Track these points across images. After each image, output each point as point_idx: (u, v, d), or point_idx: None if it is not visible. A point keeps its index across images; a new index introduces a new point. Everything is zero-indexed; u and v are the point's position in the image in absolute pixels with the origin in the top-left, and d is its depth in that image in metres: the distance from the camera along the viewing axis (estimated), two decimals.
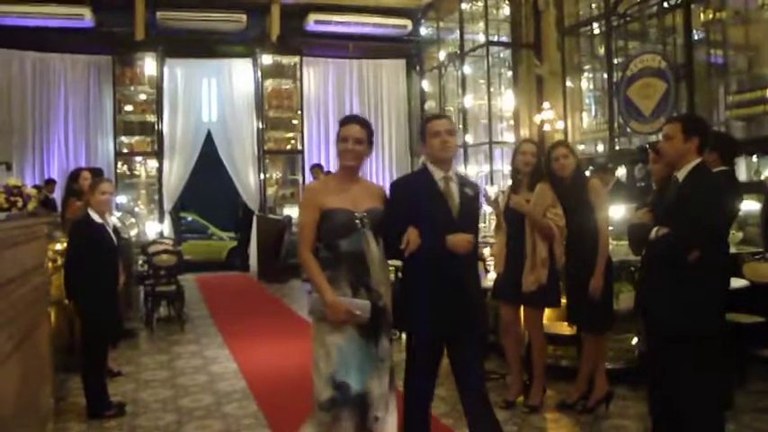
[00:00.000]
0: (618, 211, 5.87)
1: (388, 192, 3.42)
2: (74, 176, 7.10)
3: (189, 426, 4.61)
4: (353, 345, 3.12)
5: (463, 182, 3.48)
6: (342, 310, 3.07)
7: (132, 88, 12.23)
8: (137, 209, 12.15)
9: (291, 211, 12.64)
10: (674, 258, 3.30)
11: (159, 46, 12.09)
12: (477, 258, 3.56)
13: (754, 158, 7.67)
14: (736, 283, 4.96)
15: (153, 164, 12.37)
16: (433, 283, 3.28)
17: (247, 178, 12.80)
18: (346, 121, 3.36)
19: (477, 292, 3.56)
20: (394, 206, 3.33)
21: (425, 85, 13.49)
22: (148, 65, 12.17)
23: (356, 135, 3.26)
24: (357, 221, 3.16)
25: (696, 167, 3.41)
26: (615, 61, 9.41)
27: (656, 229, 3.36)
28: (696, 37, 8.28)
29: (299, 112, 12.95)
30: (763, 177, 6.79)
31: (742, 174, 7.57)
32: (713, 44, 8.23)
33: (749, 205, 6.51)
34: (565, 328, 5.18)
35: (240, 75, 12.85)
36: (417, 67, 13.72)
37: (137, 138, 12.34)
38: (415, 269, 3.33)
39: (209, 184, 14.89)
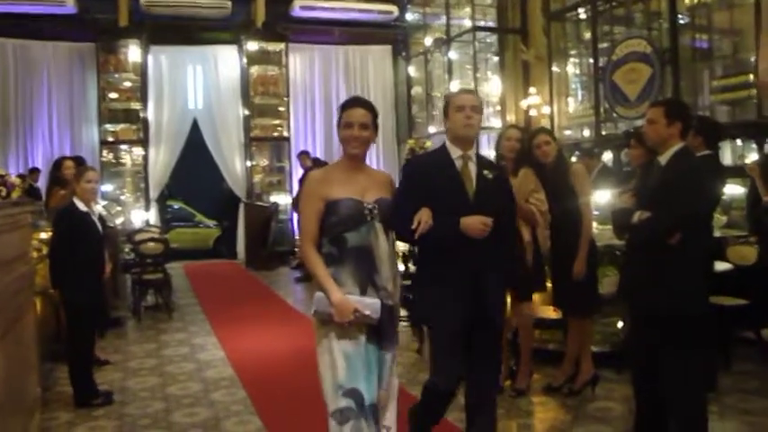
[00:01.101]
0: (604, 196, 5.90)
1: (396, 179, 3.20)
2: (57, 165, 7.05)
3: (177, 413, 4.61)
4: (363, 350, 2.87)
5: (483, 163, 3.25)
6: (350, 311, 2.79)
7: (117, 76, 12.10)
8: (122, 197, 12.08)
9: (278, 199, 12.64)
10: (657, 242, 3.32)
11: (143, 33, 11.97)
12: (504, 244, 3.24)
13: (739, 143, 7.73)
14: (721, 266, 5.01)
15: (139, 152, 12.28)
16: (447, 269, 3.08)
17: (234, 166, 12.75)
18: (349, 104, 3.04)
19: (497, 283, 3.21)
20: (407, 185, 3.14)
21: (412, 70, 13.46)
22: (133, 52, 12.05)
23: (361, 119, 2.96)
24: (366, 212, 2.90)
25: (679, 151, 3.43)
26: (601, 46, 9.42)
27: (638, 213, 3.38)
28: (681, 21, 8.31)
29: (286, 99, 12.88)
30: (747, 161, 6.82)
31: (727, 158, 7.63)
32: (698, 29, 8.27)
33: (733, 189, 6.57)
34: (551, 313, 5.22)
35: (226, 61, 12.76)
36: (404, 53, 13.68)
37: (122, 126, 12.23)
38: (429, 255, 3.18)
39: (195, 172, 14.79)
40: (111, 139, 12.18)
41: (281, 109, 12.91)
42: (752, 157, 7.22)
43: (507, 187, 3.39)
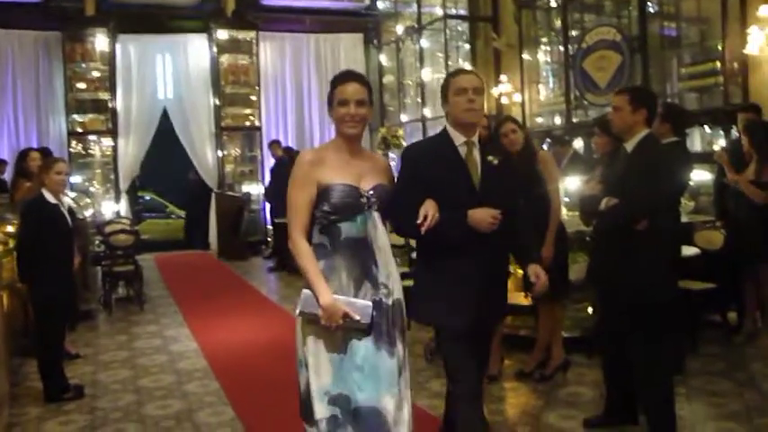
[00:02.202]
0: (574, 183, 5.95)
1: (394, 166, 3.00)
2: (22, 157, 6.92)
3: (149, 406, 4.58)
4: (354, 352, 2.59)
5: (487, 148, 2.98)
6: (339, 315, 2.52)
7: (84, 65, 11.87)
8: (92, 189, 11.90)
9: (250, 188, 12.56)
10: (624, 228, 3.36)
11: (111, 21, 11.76)
12: (513, 237, 3.00)
13: (708, 129, 7.83)
14: (688, 251, 5.08)
15: (108, 143, 12.07)
16: (453, 266, 2.83)
17: (205, 156, 12.63)
18: (343, 79, 2.73)
19: (504, 280, 3.07)
20: (407, 176, 2.85)
21: (383, 59, 13.42)
22: (100, 41, 11.84)
23: (358, 95, 2.66)
24: (363, 200, 2.63)
25: (645, 138, 3.47)
26: (571, 34, 9.48)
27: (606, 199, 3.42)
28: (650, 10, 8.38)
29: (257, 88, 12.77)
30: (715, 148, 6.92)
31: (696, 144, 7.74)
32: (666, 17, 8.36)
33: (701, 175, 6.66)
34: (522, 299, 5.25)
35: (196, 50, 12.59)
36: (375, 41, 13.62)
37: (90, 116, 12.02)
38: (432, 250, 2.89)
39: (167, 163, 14.69)
40: (79, 129, 11.96)
41: (253, 98, 12.80)
42: (720, 143, 7.33)
43: (514, 172, 3.13)
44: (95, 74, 11.93)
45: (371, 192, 2.67)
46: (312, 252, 2.64)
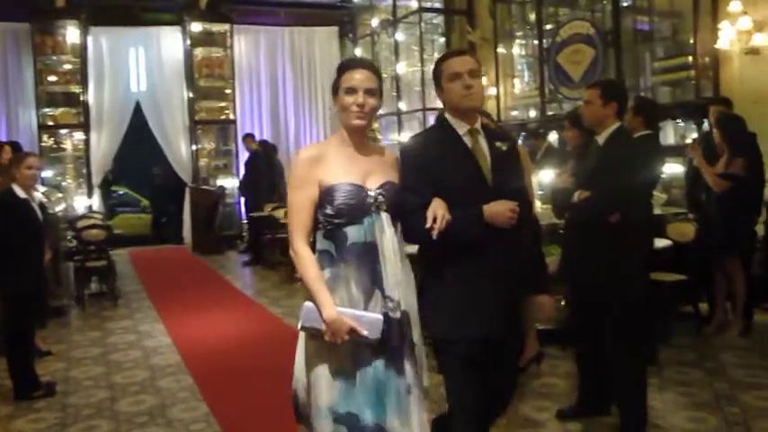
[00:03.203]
0: (549, 176, 5.98)
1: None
2: None
3: (122, 402, 4.54)
4: (364, 374, 2.36)
5: (492, 134, 2.69)
6: (344, 331, 2.29)
7: (55, 58, 11.67)
8: (64, 183, 11.73)
9: (225, 182, 12.47)
10: (596, 220, 3.38)
11: (82, 13, 11.58)
12: (525, 235, 2.75)
13: (680, 122, 7.91)
14: (661, 243, 5.13)
15: (80, 136, 11.90)
16: (465, 271, 2.52)
17: (179, 149, 12.50)
18: (351, 65, 2.50)
19: (524, 285, 2.73)
20: (411, 175, 2.53)
21: (358, 52, 13.35)
22: (71, 33, 11.64)
23: (367, 84, 2.43)
24: (370, 201, 2.39)
25: (616, 131, 3.49)
26: (546, 28, 9.51)
27: (578, 192, 3.43)
28: (624, 4, 8.44)
29: (231, 81, 12.67)
30: (688, 141, 6.99)
31: (669, 137, 7.82)
32: (640, 11, 8.41)
33: (674, 168, 6.73)
34: None
35: (169, 43, 12.43)
36: (350, 35, 13.56)
37: (61, 109, 11.82)
38: (439, 254, 2.52)
39: (141, 157, 14.54)
40: (50, 123, 11.78)
41: (227, 91, 12.69)
42: (693, 136, 7.40)
43: (519, 161, 2.82)
44: (67, 66, 11.75)
45: (379, 190, 2.42)
46: (314, 260, 2.40)
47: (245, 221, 11.73)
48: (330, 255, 2.40)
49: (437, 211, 2.39)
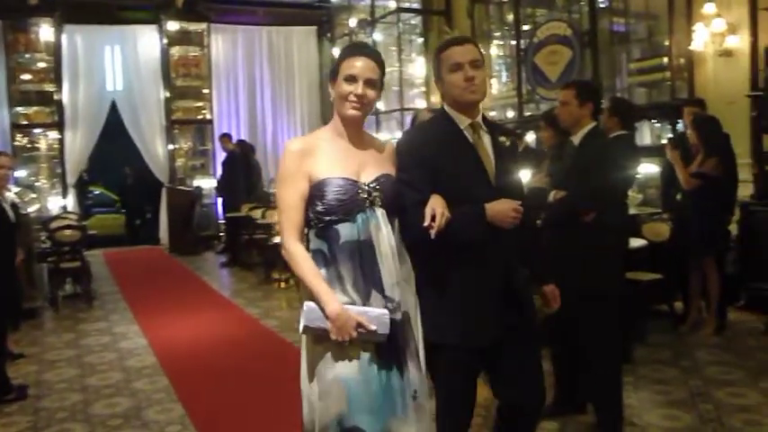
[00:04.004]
0: (526, 176, 5.99)
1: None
2: None
3: (96, 404, 4.48)
4: (369, 374, 2.21)
5: (495, 128, 2.56)
6: (352, 325, 2.15)
7: (28, 56, 11.49)
8: (38, 183, 11.57)
9: (202, 182, 12.36)
10: (571, 220, 3.39)
11: (56, 11, 11.42)
12: (529, 234, 2.61)
13: (656, 123, 7.98)
14: (636, 242, 5.17)
15: (54, 135, 11.74)
16: (465, 273, 2.38)
17: (155, 149, 12.37)
18: (354, 52, 2.33)
19: (526, 282, 2.56)
20: (410, 167, 2.38)
21: (336, 52, 13.31)
22: (45, 31, 11.47)
23: (368, 74, 2.28)
24: (364, 196, 2.25)
25: (591, 131, 3.51)
26: (523, 28, 9.55)
27: (553, 192, 3.45)
28: (601, 5, 8.50)
29: (208, 81, 12.58)
30: (663, 141, 7.06)
31: (645, 138, 7.89)
32: (616, 12, 8.47)
33: (649, 168, 6.79)
34: None
35: (145, 42, 12.31)
36: (328, 34, 13.52)
37: (35, 108, 11.64)
38: (438, 254, 2.34)
39: (117, 157, 14.39)
40: (23, 122, 11.61)
41: (204, 91, 12.60)
42: (668, 137, 7.46)
43: (518, 158, 2.72)
44: (41, 65, 11.57)
45: (373, 184, 2.28)
46: (309, 257, 2.26)
47: (223, 222, 11.65)
48: (323, 254, 2.26)
49: (436, 209, 2.22)
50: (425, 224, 2.20)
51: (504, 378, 2.51)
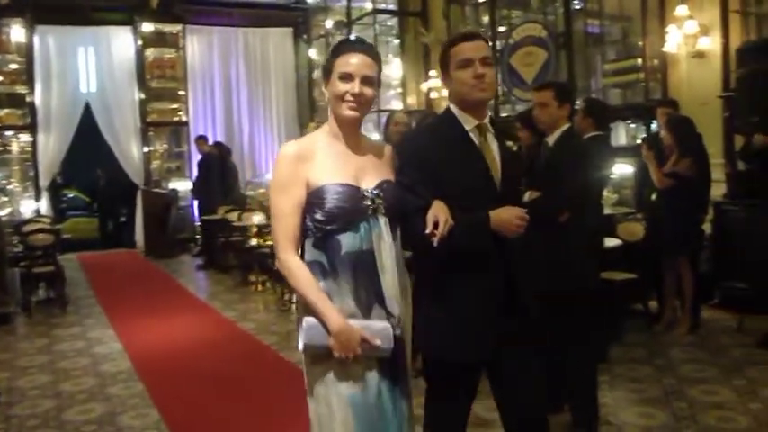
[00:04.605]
0: None
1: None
2: None
3: (70, 411, 4.41)
4: (374, 394, 2.11)
5: (501, 132, 2.45)
6: (356, 341, 2.03)
7: None
8: (10, 187, 11.40)
9: (178, 185, 12.25)
10: (547, 220, 3.40)
11: (27, 12, 11.26)
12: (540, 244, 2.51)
13: (631, 124, 8.06)
14: (611, 242, 5.21)
15: (27, 138, 11.58)
16: (465, 284, 2.26)
17: (130, 151, 12.23)
18: (348, 48, 2.18)
19: (530, 293, 2.43)
20: (406, 172, 2.26)
21: (313, 53, 13.31)
22: (16, 32, 11.30)
23: (365, 71, 2.14)
24: (367, 204, 2.12)
25: (566, 132, 3.54)
26: (499, 30, 9.61)
27: (528, 192, 3.46)
28: (576, 7, 8.57)
29: (184, 83, 12.48)
30: (638, 141, 7.13)
31: (621, 138, 7.97)
32: (591, 14, 8.55)
33: (624, 168, 6.85)
34: None
35: (119, 44, 12.16)
36: (304, 36, 13.50)
37: (6, 110, 11.46)
38: (437, 264, 2.26)
39: (92, 159, 14.21)
40: None
41: (180, 93, 12.50)
42: (643, 136, 7.54)
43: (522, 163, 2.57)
44: (12, 66, 11.41)
45: (376, 191, 2.14)
46: (306, 269, 2.11)
47: (199, 224, 11.57)
48: (322, 266, 2.11)
49: (439, 216, 2.08)
50: (427, 231, 2.08)
51: (505, 392, 2.42)
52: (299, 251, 2.17)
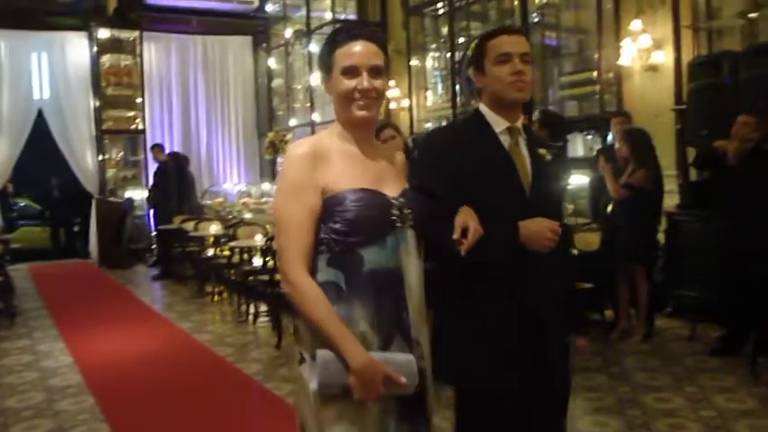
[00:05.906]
0: None
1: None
2: None
3: (15, 428, 4.26)
4: None
5: (535, 138, 2.23)
6: (380, 381, 1.72)
7: None
8: None
9: (134, 194, 12.04)
10: None
11: None
12: (567, 264, 2.24)
13: (588, 135, 8.17)
14: None
15: None
16: (490, 303, 2.03)
17: (84, 159, 11.98)
18: (349, 35, 1.85)
19: (562, 326, 2.17)
20: (427, 175, 2.07)
21: (272, 62, 13.24)
22: None
23: (373, 60, 1.82)
24: (395, 213, 1.82)
25: None
26: (458, 41, 9.67)
27: None
28: (534, 20, 8.67)
29: (141, 90, 12.30)
30: (594, 153, 7.23)
31: (578, 149, 8.07)
32: (548, 27, 8.67)
33: (580, 179, 6.93)
34: None
35: (74, 49, 11.93)
36: (264, 45, 13.42)
37: None
38: (457, 279, 2.05)
39: (45, 167, 13.90)
40: None
41: (137, 100, 12.31)
42: (598, 148, 7.65)
43: (564, 172, 2.39)
44: None
45: (402, 200, 1.86)
46: (322, 293, 1.77)
47: (155, 234, 11.38)
48: (337, 287, 1.78)
49: (468, 222, 1.86)
50: (455, 237, 1.85)
51: None
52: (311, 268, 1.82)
